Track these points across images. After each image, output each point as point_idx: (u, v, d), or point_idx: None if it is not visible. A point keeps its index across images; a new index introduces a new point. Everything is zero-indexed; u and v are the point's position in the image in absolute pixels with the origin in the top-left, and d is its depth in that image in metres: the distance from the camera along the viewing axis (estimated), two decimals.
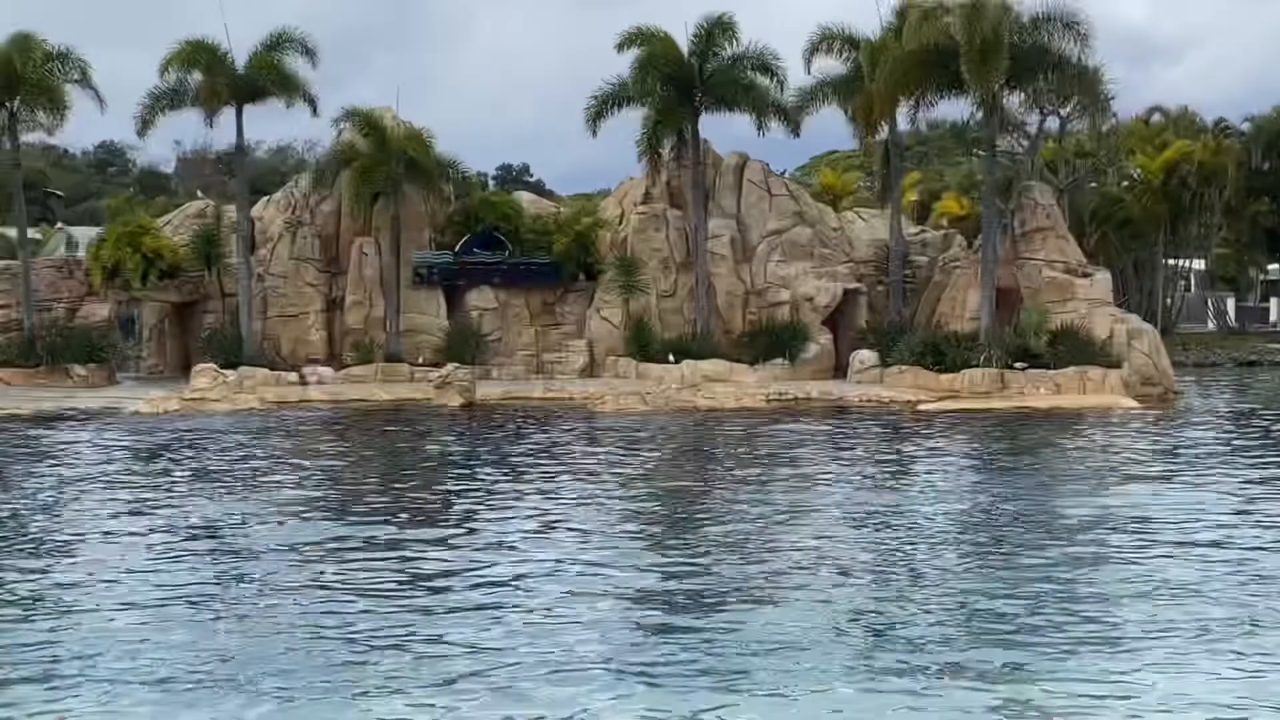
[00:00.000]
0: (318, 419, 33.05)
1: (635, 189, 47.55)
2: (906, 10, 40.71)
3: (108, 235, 44.82)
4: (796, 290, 43.46)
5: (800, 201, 46.82)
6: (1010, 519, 17.46)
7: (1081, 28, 37.75)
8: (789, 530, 16.72)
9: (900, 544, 15.86)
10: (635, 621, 12.28)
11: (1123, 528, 16.73)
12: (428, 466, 24.20)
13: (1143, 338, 38.73)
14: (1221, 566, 14.31)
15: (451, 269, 44.74)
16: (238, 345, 41.87)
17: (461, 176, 47.16)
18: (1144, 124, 65.52)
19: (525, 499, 19.51)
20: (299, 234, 44.74)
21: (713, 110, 43.76)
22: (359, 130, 43.90)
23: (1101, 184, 62.89)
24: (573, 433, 29.09)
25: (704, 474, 22.85)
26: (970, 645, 11.38)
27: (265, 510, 18.47)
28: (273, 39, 42.96)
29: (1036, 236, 40.98)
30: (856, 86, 42.34)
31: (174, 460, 24.45)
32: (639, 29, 42.65)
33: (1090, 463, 24.04)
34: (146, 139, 48.89)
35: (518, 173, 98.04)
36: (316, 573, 14.39)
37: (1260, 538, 15.97)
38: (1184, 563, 14.59)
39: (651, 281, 44.16)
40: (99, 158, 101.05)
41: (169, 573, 14.39)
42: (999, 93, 39.01)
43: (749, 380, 39.88)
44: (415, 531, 16.84)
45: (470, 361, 40.82)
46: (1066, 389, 35.96)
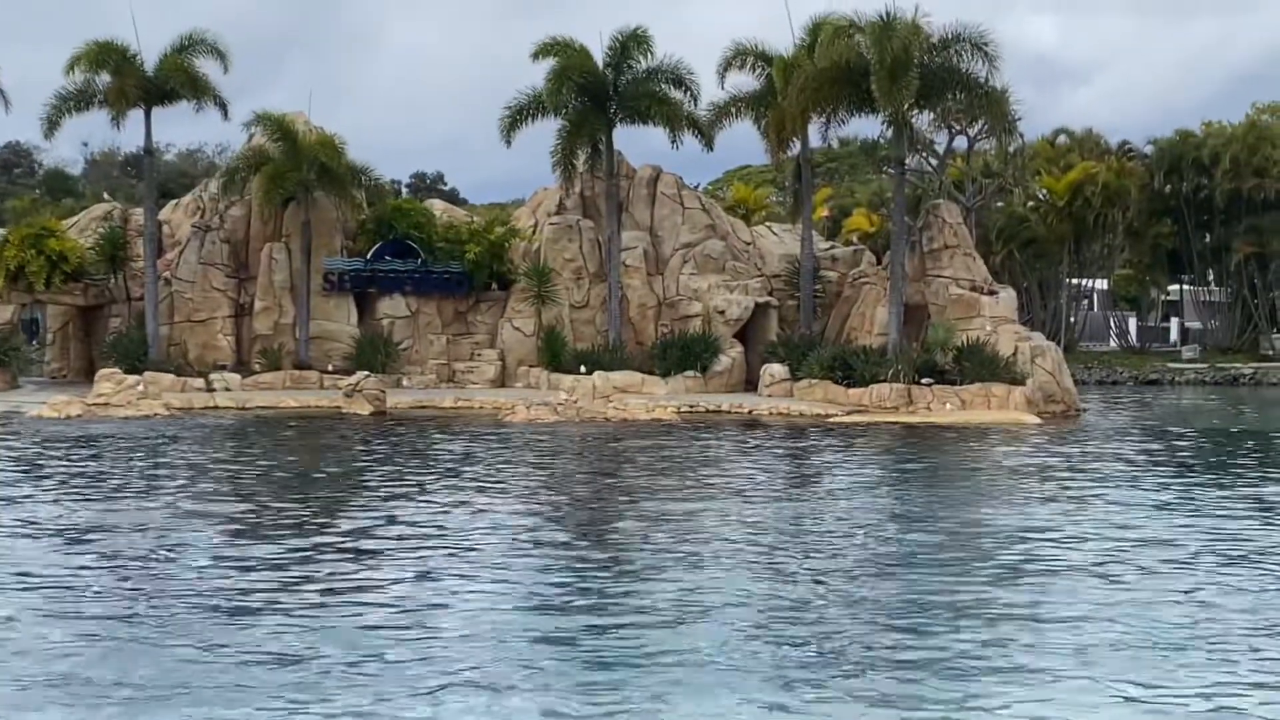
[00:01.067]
0: (221, 426, 32.73)
1: (549, 199, 47.65)
2: (819, 28, 41.23)
3: (11, 237, 44.10)
4: (708, 303, 43.75)
5: (713, 215, 47.14)
6: (902, 533, 17.71)
7: (990, 49, 38.47)
8: (684, 544, 16.82)
9: (789, 557, 16.04)
10: (527, 635, 12.32)
11: (1015, 543, 17.04)
12: (324, 475, 24.06)
13: (1046, 355, 39.39)
14: (1100, 588, 14.55)
15: (363, 276, 44.52)
16: (143, 350, 41.36)
17: (374, 183, 46.94)
18: (1050, 145, 66.70)
19: (419, 511, 19.46)
20: (208, 238, 44.28)
21: (627, 122, 44.01)
22: (270, 135, 43.59)
23: (1008, 203, 63.99)
24: (480, 443, 29.04)
25: (606, 486, 22.91)
26: (854, 669, 11.53)
27: (143, 517, 18.30)
28: (183, 41, 42.58)
29: (944, 254, 41.58)
30: (769, 102, 42.80)
31: (67, 465, 24.12)
32: (554, 40, 42.78)
33: (988, 478, 24.43)
34: (53, 140, 48.10)
35: (431, 181, 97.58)
36: (195, 581, 14.28)
37: (1145, 556, 16.32)
38: (1071, 581, 14.88)
39: (564, 292, 44.26)
40: (3, 158, 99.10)
41: (49, 575, 14.23)
42: (908, 111, 39.58)
43: (660, 392, 40.07)
44: (298, 540, 16.77)
45: (381, 370, 40.66)
46: (971, 405, 36.49)
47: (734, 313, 43.62)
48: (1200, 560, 15.80)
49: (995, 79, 38.87)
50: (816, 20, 41.87)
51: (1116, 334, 68.55)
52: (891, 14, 37.84)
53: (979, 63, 38.71)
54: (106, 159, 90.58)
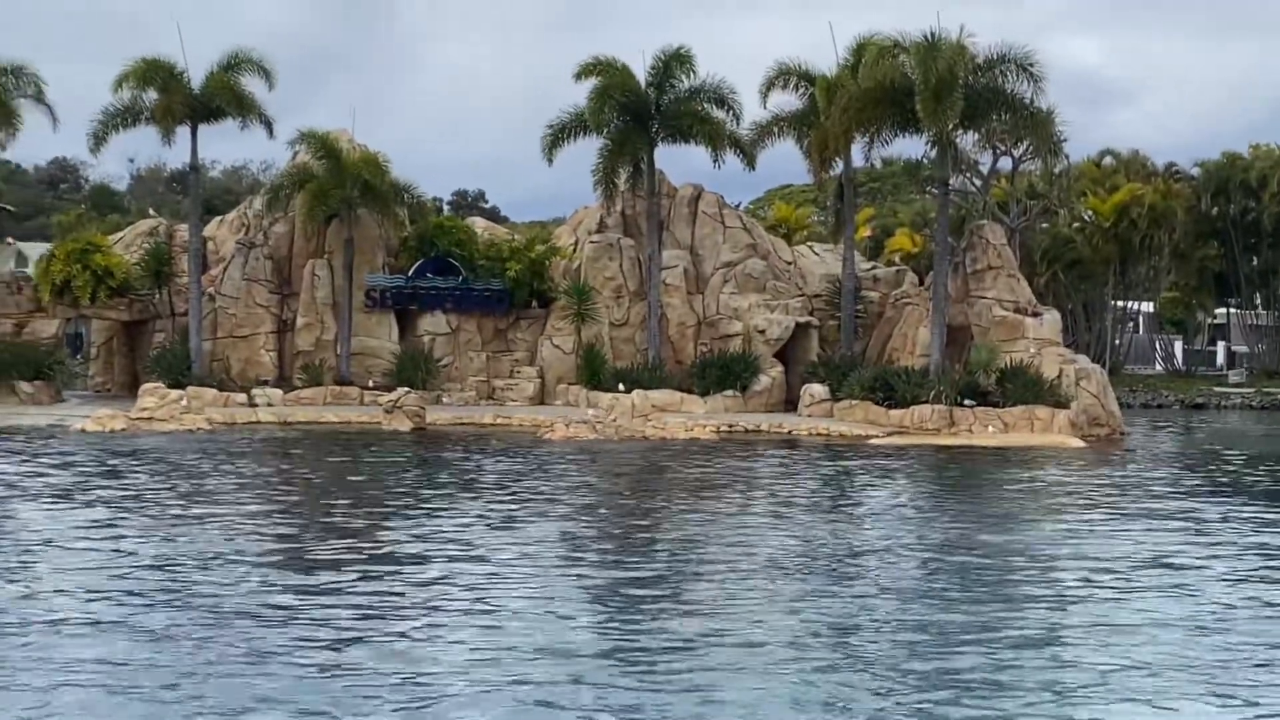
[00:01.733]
0: (262, 441, 32.83)
1: (590, 217, 47.67)
2: (863, 48, 41.09)
3: (57, 252, 44.43)
4: (749, 322, 43.62)
5: (754, 234, 47.05)
6: (943, 555, 17.53)
7: (1035, 70, 38.23)
8: (722, 566, 16.70)
9: (832, 581, 15.90)
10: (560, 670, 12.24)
11: (1060, 566, 16.84)
12: (362, 490, 24.05)
13: (1091, 378, 39.04)
14: (1162, 606, 14.40)
15: (404, 293, 44.64)
16: (186, 365, 41.56)
17: (416, 201, 47.10)
18: (1095, 166, 66.19)
19: (459, 528, 19.41)
20: (251, 255, 44.50)
21: (669, 141, 44.00)
22: (314, 152, 43.81)
23: (1053, 224, 63.53)
24: (518, 460, 28.99)
25: (643, 504, 22.80)
26: (902, 688, 11.40)
27: (193, 534, 18.33)
28: (229, 59, 42.86)
29: (987, 275, 41.30)
30: (812, 122, 42.69)
31: (112, 479, 24.23)
32: (597, 59, 42.83)
33: (1033, 502, 24.18)
34: (100, 156, 48.51)
35: (473, 199, 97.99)
36: (236, 592, 14.27)
37: (1203, 580, 16.10)
38: (1126, 601, 14.69)
39: (604, 310, 44.23)
40: (50, 173, 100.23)
41: (105, 594, 14.25)
42: (953, 131, 39.36)
43: (699, 411, 39.95)
44: (340, 557, 16.75)
45: (421, 386, 40.69)
46: (1014, 427, 36.19)
47: (774, 332, 43.46)
48: (1247, 582, 15.60)
49: (1040, 100, 38.68)
50: (861, 40, 41.74)
51: (1162, 357, 67.90)
52: (936, 34, 37.69)
53: (1024, 83, 38.50)
54: (152, 175, 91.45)
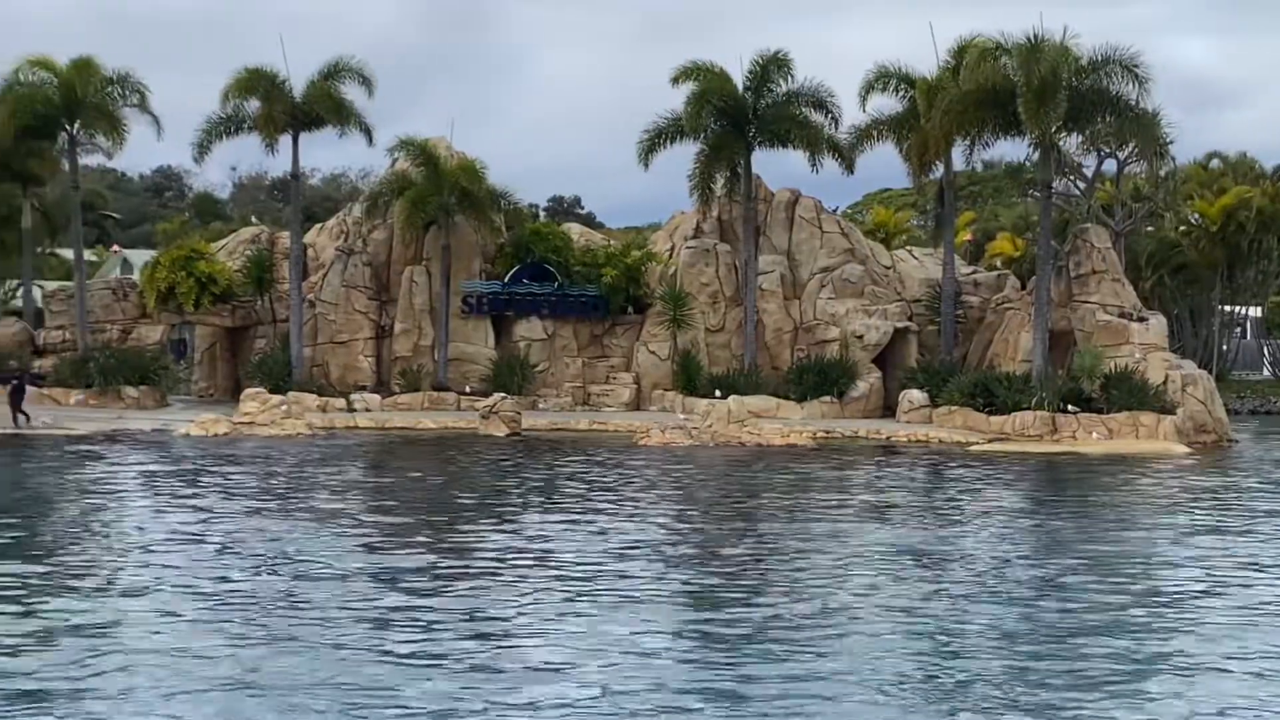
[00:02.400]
0: (360, 446, 33.08)
1: (686, 223, 47.53)
2: (964, 50, 40.55)
3: (162, 259, 45.25)
4: (846, 327, 43.21)
5: (852, 239, 46.62)
6: (1058, 565, 17.16)
7: (1140, 71, 37.49)
8: (830, 572, 16.48)
9: (944, 588, 15.61)
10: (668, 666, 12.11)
11: (1186, 575, 16.42)
12: (460, 494, 24.10)
13: (1197, 384, 38.19)
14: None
15: (501, 299, 44.82)
16: (287, 370, 42.04)
17: (513, 207, 47.30)
18: (1202, 169, 64.83)
19: (555, 531, 19.35)
20: (350, 261, 44.94)
21: (766, 146, 43.75)
22: (413, 160, 44.13)
23: (1158, 228, 62.28)
24: (614, 466, 28.91)
25: (746, 510, 22.58)
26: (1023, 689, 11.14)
27: (289, 534, 18.45)
28: (330, 68, 43.31)
29: (1091, 279, 40.58)
30: (911, 125, 42.15)
31: (219, 480, 24.52)
32: (694, 64, 42.69)
33: (1140, 507, 23.64)
34: (203, 165, 49.37)
35: (569, 204, 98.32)
36: (351, 604, 14.30)
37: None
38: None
39: (700, 316, 44.06)
40: (155, 182, 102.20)
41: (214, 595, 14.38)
42: (1056, 134, 38.74)
43: (795, 417, 39.64)
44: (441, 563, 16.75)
45: (517, 392, 40.80)
46: (1119, 434, 35.50)
47: (872, 338, 43.02)
48: None
49: (1146, 101, 37.93)
50: (962, 42, 41.15)
51: (1270, 363, 66.30)
52: (1039, 35, 37.11)
53: (1129, 85, 37.77)
54: (254, 183, 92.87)
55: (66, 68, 43.36)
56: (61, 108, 43.32)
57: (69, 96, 43.09)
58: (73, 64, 43.41)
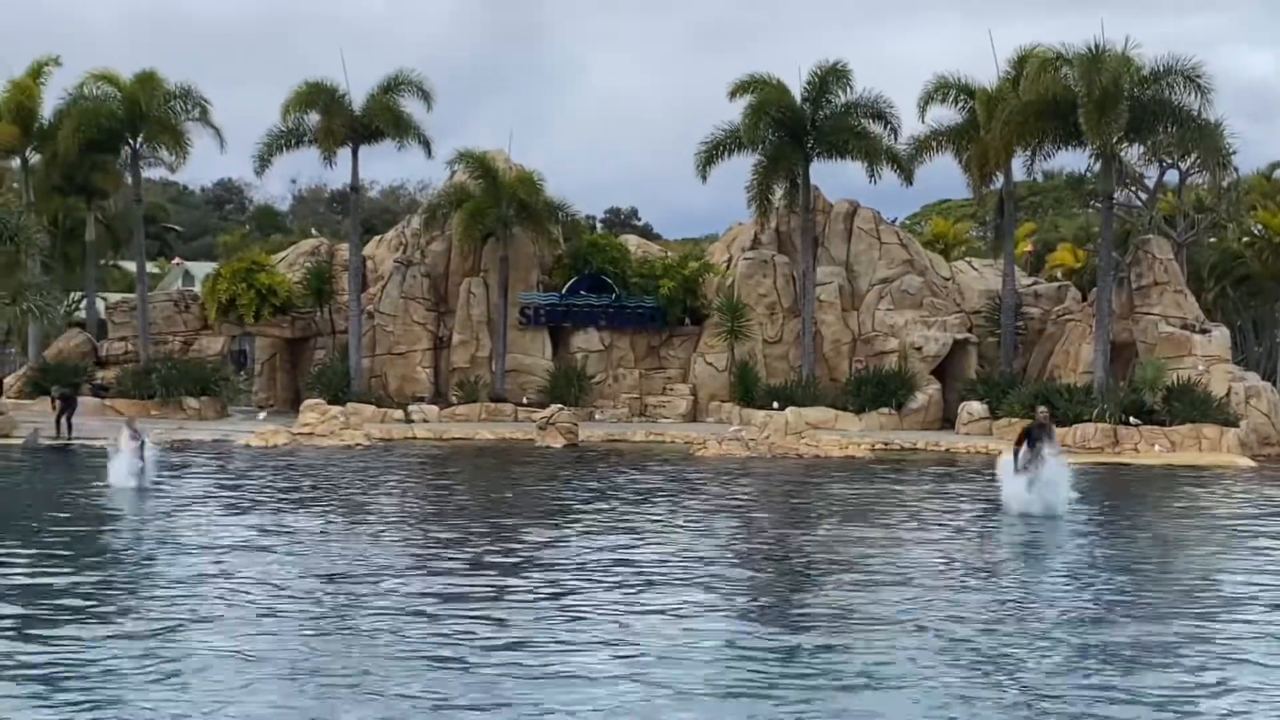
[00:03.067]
0: (419, 457, 33.21)
1: (743, 234, 47.50)
2: (1024, 60, 40.30)
3: (223, 271, 45.68)
4: (905, 339, 43.01)
5: (911, 250, 46.41)
6: (1126, 582, 16.95)
7: (1203, 81, 37.18)
8: (894, 590, 16.35)
9: (1012, 605, 15.46)
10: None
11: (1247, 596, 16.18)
12: (516, 505, 24.10)
13: (1261, 396, 37.75)
14: None
15: (558, 310, 44.94)
16: (346, 381, 42.32)
17: (570, 219, 47.44)
18: (1265, 180, 63.97)
19: (610, 544, 19.30)
20: (409, 273, 45.20)
21: (824, 157, 43.67)
22: (471, 172, 44.37)
23: (1221, 239, 61.52)
24: (670, 477, 28.84)
25: (799, 523, 22.44)
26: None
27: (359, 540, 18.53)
28: (389, 82, 43.60)
29: (1153, 291, 40.19)
30: (971, 135, 41.96)
31: (280, 490, 24.69)
32: (751, 76, 42.69)
33: (1208, 521, 23.33)
34: (264, 177, 49.78)
35: (626, 216, 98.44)
36: (397, 595, 14.34)
37: None
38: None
39: (757, 327, 44.01)
40: (216, 194, 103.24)
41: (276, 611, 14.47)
42: (1117, 144, 38.43)
43: (854, 429, 39.50)
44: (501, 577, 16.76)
45: (574, 403, 40.88)
46: (1181, 446, 35.13)
47: (931, 349, 42.80)
48: None
49: (1208, 112, 37.59)
50: (1022, 52, 40.90)
51: None
52: (1100, 45, 36.89)
53: (1191, 95, 37.46)
54: (313, 195, 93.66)
55: (130, 82, 43.88)
56: (125, 121, 43.86)
57: (132, 110, 43.62)
58: (136, 78, 43.92)
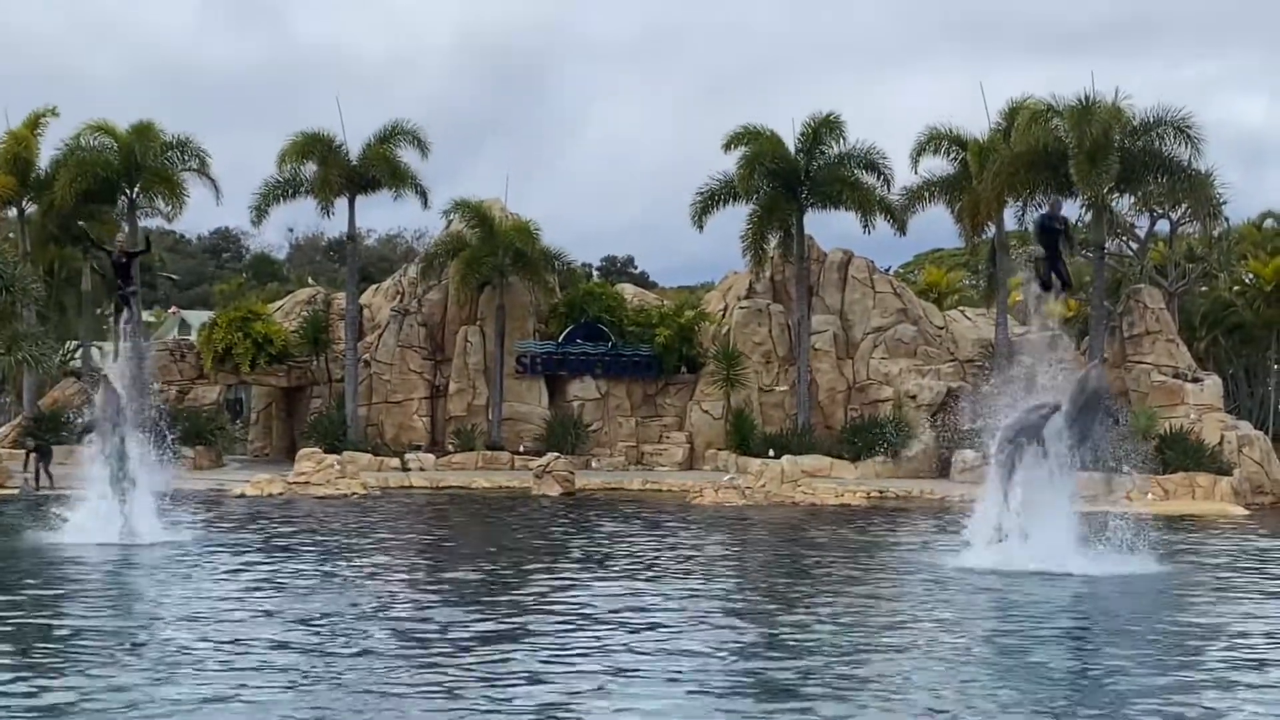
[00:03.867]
0: (414, 505, 33.26)
1: (739, 283, 47.76)
2: (1015, 112, 40.70)
3: (220, 320, 45.78)
4: (899, 387, 43.20)
5: (904, 298, 46.67)
6: (1115, 635, 17.04)
7: (1192, 132, 37.57)
8: (877, 640, 16.42)
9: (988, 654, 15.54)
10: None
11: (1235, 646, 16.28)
12: (510, 553, 24.15)
13: (1253, 445, 37.93)
14: None
15: (554, 359, 45.12)
16: (342, 430, 42.40)
17: (566, 268, 47.71)
18: (1256, 229, 64.38)
19: (603, 592, 19.35)
20: (405, 321, 45.38)
21: (817, 207, 43.97)
22: (467, 221, 44.61)
23: (1212, 288, 61.86)
24: (667, 525, 28.90)
25: (792, 573, 22.51)
26: None
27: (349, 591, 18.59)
28: (385, 131, 43.89)
29: (1145, 340, 40.45)
30: (963, 186, 42.29)
31: (272, 541, 24.74)
32: (746, 128, 43.05)
33: (1203, 572, 23.42)
34: (261, 227, 49.91)
35: (622, 264, 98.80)
36: (386, 640, 14.40)
37: None
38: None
39: (753, 375, 44.18)
40: (213, 243, 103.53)
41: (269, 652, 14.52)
42: (1108, 195, 38.78)
43: (850, 476, 39.60)
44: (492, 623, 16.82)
45: (570, 451, 41.00)
46: (1174, 495, 35.26)
47: (926, 397, 42.97)
48: None
49: (1198, 162, 38.00)
50: (1013, 104, 41.35)
51: None
52: (1090, 97, 37.28)
53: (1182, 146, 37.85)
54: (310, 244, 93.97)
55: (126, 132, 44.17)
56: (121, 172, 44.10)
57: (129, 161, 43.89)
58: (132, 128, 44.22)
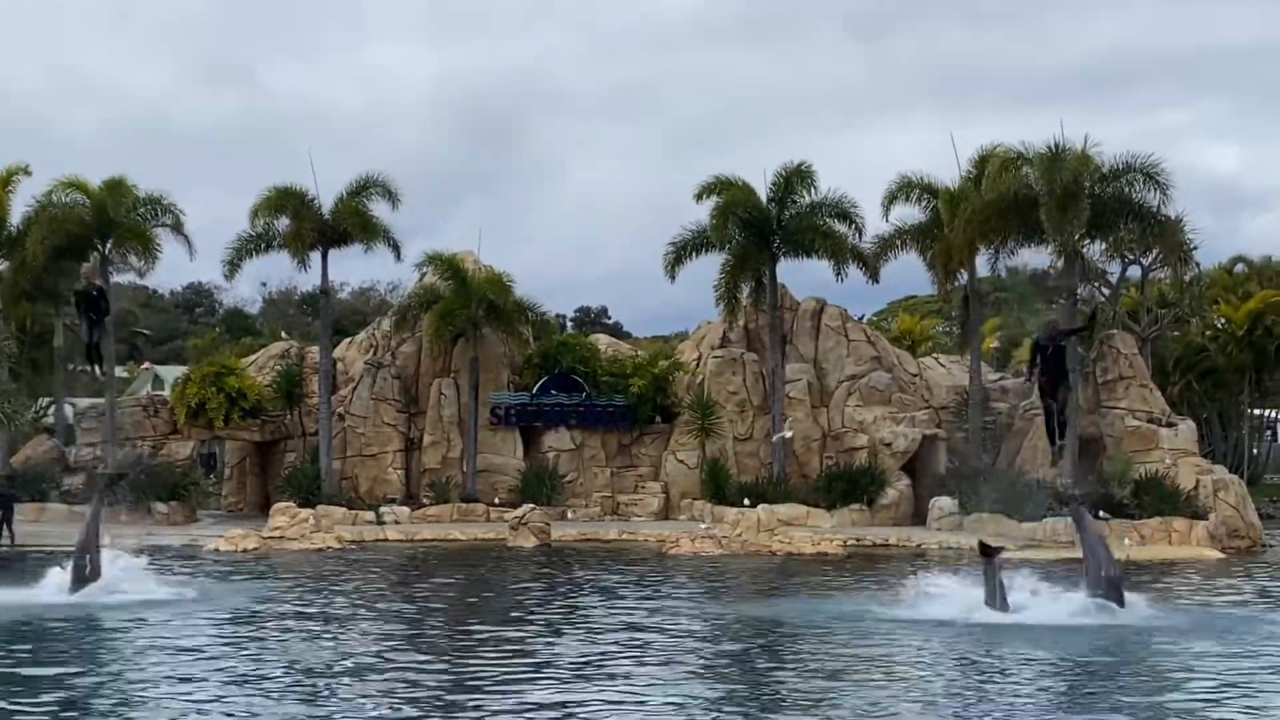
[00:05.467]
0: (389, 559, 33.03)
1: (712, 332, 47.82)
2: (986, 160, 40.99)
3: (193, 375, 45.58)
4: (874, 435, 43.20)
5: (878, 346, 46.78)
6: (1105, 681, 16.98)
7: (1162, 178, 37.86)
8: (858, 688, 16.34)
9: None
10: None
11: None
12: (485, 606, 24.00)
13: (1229, 489, 38.00)
14: None
15: (529, 410, 45.04)
16: (316, 484, 42.13)
17: (540, 319, 47.70)
18: (1227, 273, 64.89)
19: (577, 644, 19.22)
20: (379, 374, 45.25)
21: (790, 256, 44.13)
22: (441, 274, 44.60)
23: (1184, 333, 62.23)
24: (642, 576, 28.77)
25: (767, 623, 22.39)
26: None
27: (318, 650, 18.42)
28: (358, 185, 43.85)
29: (1119, 385, 40.58)
30: (935, 234, 42.53)
31: (247, 598, 24.53)
32: (718, 178, 43.26)
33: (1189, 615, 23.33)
34: (234, 281, 49.72)
35: (596, 315, 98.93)
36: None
37: None
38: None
39: (728, 424, 44.16)
40: (186, 298, 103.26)
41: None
42: (1079, 241, 38.97)
43: (826, 525, 39.53)
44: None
45: (545, 502, 40.83)
46: (1151, 540, 35.27)
47: (901, 445, 42.98)
48: None
49: (1168, 208, 38.25)
50: (983, 152, 41.65)
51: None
52: (1060, 144, 37.55)
53: (1151, 192, 38.10)
54: (284, 298, 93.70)
55: (99, 189, 43.96)
56: (94, 228, 43.87)
57: (101, 217, 43.67)
58: (105, 185, 44.02)
